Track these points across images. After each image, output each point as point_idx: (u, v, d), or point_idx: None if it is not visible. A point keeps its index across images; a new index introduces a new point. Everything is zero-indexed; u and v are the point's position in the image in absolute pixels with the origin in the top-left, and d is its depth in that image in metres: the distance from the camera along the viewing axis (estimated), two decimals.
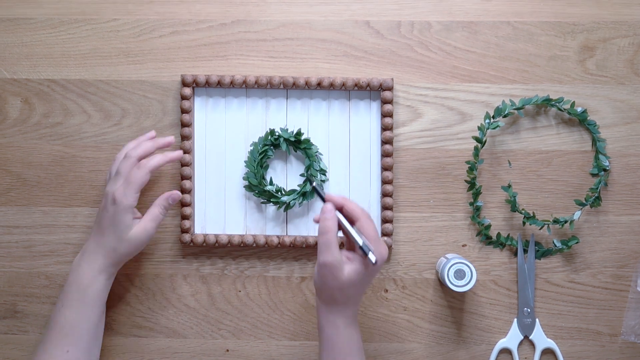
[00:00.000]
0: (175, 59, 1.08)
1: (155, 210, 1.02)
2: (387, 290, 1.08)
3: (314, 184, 0.95)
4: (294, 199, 1.06)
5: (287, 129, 1.07)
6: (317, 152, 1.07)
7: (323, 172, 1.07)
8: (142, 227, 1.01)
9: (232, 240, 1.07)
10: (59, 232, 1.09)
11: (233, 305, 1.08)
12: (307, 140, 1.07)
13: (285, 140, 1.07)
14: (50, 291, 1.09)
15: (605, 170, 1.06)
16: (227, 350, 1.08)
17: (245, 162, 1.08)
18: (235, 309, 1.08)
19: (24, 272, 1.09)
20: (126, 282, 1.09)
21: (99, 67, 1.09)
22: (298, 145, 1.07)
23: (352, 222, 0.94)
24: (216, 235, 1.07)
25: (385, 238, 1.06)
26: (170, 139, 1.04)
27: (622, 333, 1.07)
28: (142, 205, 1.05)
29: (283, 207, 1.07)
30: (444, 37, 1.08)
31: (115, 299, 1.08)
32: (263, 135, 1.07)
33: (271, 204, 1.08)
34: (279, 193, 1.07)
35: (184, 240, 1.07)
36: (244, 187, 1.08)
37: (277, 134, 1.07)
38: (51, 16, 1.09)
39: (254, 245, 1.07)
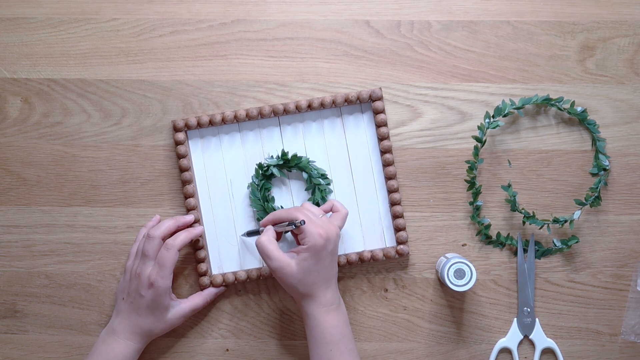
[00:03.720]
0: (175, 58, 1.08)
1: (198, 301, 1.05)
2: (387, 290, 1.08)
3: (243, 233, 1.06)
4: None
5: (271, 156, 1.07)
6: (309, 161, 1.07)
7: (324, 176, 1.07)
8: (181, 313, 1.04)
9: (250, 275, 1.06)
10: (59, 231, 1.09)
11: (233, 305, 1.08)
12: (295, 156, 1.06)
13: (276, 166, 1.07)
14: (50, 291, 1.09)
15: (605, 169, 1.06)
16: (227, 350, 1.08)
17: (250, 203, 1.07)
18: (235, 308, 1.08)
19: (24, 271, 1.09)
20: None
21: (98, 66, 1.09)
22: (288, 164, 1.07)
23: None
24: (234, 273, 1.06)
25: (402, 233, 1.06)
26: (191, 218, 1.05)
27: (622, 333, 1.07)
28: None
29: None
30: (443, 37, 1.08)
31: (114, 299, 1.08)
32: (254, 172, 1.07)
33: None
34: None
35: (203, 283, 1.07)
36: (258, 220, 1.08)
37: (265, 165, 1.07)
38: (51, 16, 1.09)
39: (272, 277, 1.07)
